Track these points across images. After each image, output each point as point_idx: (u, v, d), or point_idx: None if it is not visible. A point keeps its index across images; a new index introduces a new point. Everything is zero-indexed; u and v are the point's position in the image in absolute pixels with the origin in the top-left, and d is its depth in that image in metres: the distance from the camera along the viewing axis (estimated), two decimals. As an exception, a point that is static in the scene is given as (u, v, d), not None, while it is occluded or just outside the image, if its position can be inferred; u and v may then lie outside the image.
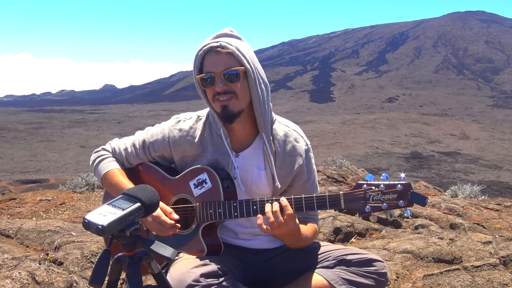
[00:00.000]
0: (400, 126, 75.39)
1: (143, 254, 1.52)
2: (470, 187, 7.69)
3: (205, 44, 1.98)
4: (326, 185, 6.65)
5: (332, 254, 2.11)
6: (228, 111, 1.98)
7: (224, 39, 1.98)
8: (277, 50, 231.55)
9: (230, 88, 1.96)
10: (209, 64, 1.97)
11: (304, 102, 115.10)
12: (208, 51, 1.97)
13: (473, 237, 3.86)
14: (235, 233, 2.20)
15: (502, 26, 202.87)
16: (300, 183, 2.16)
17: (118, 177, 2.11)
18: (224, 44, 1.95)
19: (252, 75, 1.99)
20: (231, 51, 1.95)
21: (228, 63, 1.96)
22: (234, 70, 1.96)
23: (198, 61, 2.00)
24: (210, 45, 1.97)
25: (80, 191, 6.83)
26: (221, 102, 1.98)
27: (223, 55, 1.95)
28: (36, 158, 53.12)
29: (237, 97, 1.98)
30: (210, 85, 1.98)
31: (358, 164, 11.70)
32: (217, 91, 1.96)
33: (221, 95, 1.96)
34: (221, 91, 1.96)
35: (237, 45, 1.98)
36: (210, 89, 1.99)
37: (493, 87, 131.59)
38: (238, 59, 1.96)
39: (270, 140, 2.09)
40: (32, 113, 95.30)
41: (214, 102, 2.00)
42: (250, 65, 1.98)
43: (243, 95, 2.00)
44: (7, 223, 3.95)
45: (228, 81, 1.95)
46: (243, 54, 1.97)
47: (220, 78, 1.95)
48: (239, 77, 1.97)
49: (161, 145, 2.15)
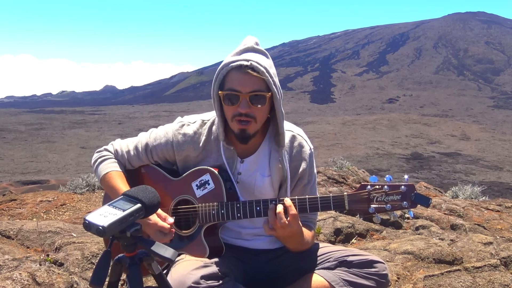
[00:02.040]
0: (401, 127, 75.33)
1: (144, 255, 1.52)
2: (470, 188, 7.67)
3: (234, 60, 1.92)
4: (327, 186, 6.65)
5: (333, 255, 2.11)
6: (246, 134, 1.97)
7: (253, 56, 1.92)
8: (278, 51, 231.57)
9: (252, 112, 1.92)
10: (236, 82, 1.91)
11: (305, 103, 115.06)
12: (236, 68, 1.91)
13: (474, 238, 3.86)
14: (236, 233, 2.20)
15: (503, 27, 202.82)
16: (301, 186, 2.16)
17: (116, 180, 2.09)
18: (255, 65, 1.89)
19: (278, 97, 1.95)
20: (261, 75, 1.90)
21: (256, 86, 1.91)
22: (261, 95, 1.92)
23: (222, 74, 1.94)
24: (240, 63, 1.90)
25: (81, 192, 6.82)
26: (240, 125, 1.94)
27: (252, 76, 1.90)
28: (36, 159, 53.11)
29: (256, 121, 1.96)
30: (233, 104, 1.93)
31: (358, 165, 11.70)
32: (239, 112, 1.92)
33: (242, 117, 1.93)
34: (244, 113, 1.92)
35: (265, 66, 1.91)
36: (231, 108, 1.94)
37: (494, 88, 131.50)
38: (267, 82, 1.92)
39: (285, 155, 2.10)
40: (32, 114, 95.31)
41: (232, 121, 1.96)
42: (277, 88, 1.94)
43: (262, 118, 1.99)
44: (7, 224, 3.95)
45: (252, 104, 1.91)
46: (272, 78, 1.92)
47: (245, 99, 1.91)
48: (264, 101, 1.93)
49: (164, 149, 2.14)
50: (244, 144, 2.03)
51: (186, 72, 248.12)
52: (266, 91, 1.93)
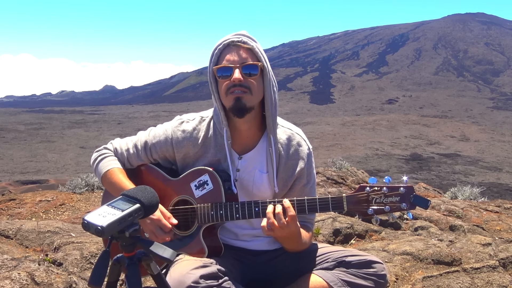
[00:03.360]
0: (400, 127, 75.35)
1: (143, 255, 1.52)
2: (469, 189, 7.68)
3: (225, 39, 2.02)
4: (326, 187, 6.65)
5: (332, 256, 2.11)
6: (241, 103, 1.98)
7: (243, 37, 2.02)
8: (277, 51, 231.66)
9: (246, 82, 1.97)
10: (228, 56, 2.00)
11: (304, 103, 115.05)
12: (227, 45, 2.01)
13: (473, 239, 3.86)
14: (235, 234, 2.20)
15: (502, 28, 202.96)
16: (300, 186, 2.16)
17: (118, 176, 2.10)
18: (245, 40, 2.00)
19: (268, 75, 2.02)
20: (251, 47, 2.00)
21: (247, 57, 1.99)
22: (253, 64, 1.99)
23: (215, 55, 2.02)
24: (231, 39, 2.01)
25: (80, 191, 6.82)
26: (235, 94, 1.97)
27: (243, 49, 2.00)
28: (36, 159, 53.07)
29: (251, 93, 1.99)
30: (227, 77, 1.98)
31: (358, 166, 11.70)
32: (233, 82, 1.96)
33: (237, 87, 1.97)
34: (238, 83, 1.96)
35: (256, 43, 2.03)
36: (226, 81, 1.99)
37: (493, 89, 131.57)
38: (257, 56, 2.01)
39: (276, 143, 2.10)
40: (32, 114, 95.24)
41: (227, 95, 1.99)
42: (267, 64, 2.02)
43: (257, 92, 2.01)
44: (6, 224, 3.95)
45: (246, 74, 1.97)
46: (261, 53, 2.02)
47: (238, 69, 1.97)
48: (256, 72, 1.99)
49: (163, 146, 2.15)
50: (240, 116, 2.01)
51: (186, 72, 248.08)
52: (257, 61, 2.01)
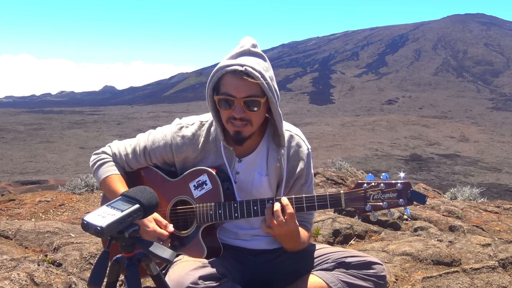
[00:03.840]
0: (400, 128, 75.39)
1: (142, 255, 1.52)
2: (469, 189, 7.68)
3: (229, 64, 1.90)
4: (326, 187, 6.65)
5: (331, 257, 2.11)
6: (241, 136, 1.97)
7: (248, 60, 1.90)
8: (277, 52, 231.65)
9: (247, 116, 1.93)
10: (230, 86, 1.91)
11: (304, 104, 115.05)
12: (231, 72, 1.90)
13: (472, 240, 3.86)
14: (234, 233, 2.20)
15: (502, 29, 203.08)
16: (298, 186, 2.17)
17: (116, 184, 2.09)
18: (249, 71, 1.86)
19: (274, 100, 1.94)
20: (256, 80, 1.88)
21: (250, 91, 1.90)
22: (256, 101, 1.92)
23: (216, 77, 1.93)
24: (234, 68, 1.88)
25: (79, 192, 6.82)
26: (235, 127, 1.95)
27: (247, 82, 1.88)
28: (35, 159, 53.05)
29: (252, 125, 1.97)
30: (227, 108, 1.94)
31: (357, 166, 11.70)
32: (234, 116, 1.93)
33: (237, 121, 1.93)
34: (238, 118, 1.92)
35: (260, 70, 1.89)
36: (226, 111, 1.95)
37: (493, 90, 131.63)
38: (262, 87, 1.91)
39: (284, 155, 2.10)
40: (31, 114, 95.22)
41: (228, 123, 1.97)
42: (272, 92, 1.93)
43: (258, 122, 1.99)
44: (6, 224, 3.95)
45: (247, 109, 1.92)
46: (267, 82, 1.90)
47: (240, 104, 1.91)
48: (259, 107, 1.93)
49: (163, 151, 2.14)
50: (239, 145, 2.04)
51: (186, 72, 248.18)
52: (261, 95, 1.92)
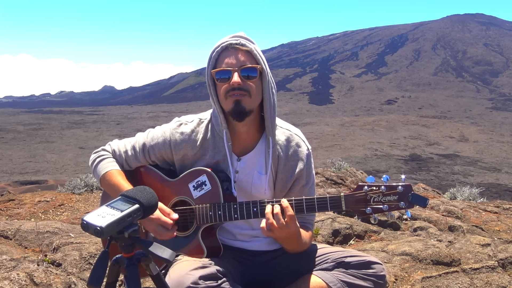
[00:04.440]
0: (399, 128, 75.43)
1: (142, 255, 1.52)
2: (469, 189, 7.68)
3: (224, 41, 2.00)
4: (325, 187, 6.65)
5: (331, 256, 2.11)
6: (241, 107, 1.97)
7: (241, 39, 2.01)
8: (277, 52, 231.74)
9: (245, 85, 1.96)
10: (227, 60, 1.98)
11: (303, 104, 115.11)
12: (225, 48, 1.99)
13: (472, 240, 3.86)
14: (233, 234, 2.19)
15: (501, 29, 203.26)
16: (299, 187, 2.16)
17: (117, 178, 2.09)
18: (243, 42, 1.99)
19: (267, 77, 2.01)
20: (250, 49, 1.98)
21: (246, 60, 1.98)
22: (252, 67, 1.98)
23: (214, 57, 2.01)
24: (229, 42, 1.99)
25: (79, 192, 6.81)
26: (234, 97, 1.96)
27: (242, 52, 1.98)
28: (35, 159, 53.05)
29: (250, 96, 1.98)
30: (226, 80, 1.97)
31: (357, 166, 11.70)
32: (232, 85, 1.95)
33: (236, 91, 1.95)
34: (237, 86, 1.95)
35: (255, 47, 2.01)
36: (225, 84, 1.98)
37: (492, 90, 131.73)
38: (255, 58, 1.99)
39: (275, 145, 2.10)
40: (31, 114, 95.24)
41: (227, 98, 1.98)
42: (266, 67, 2.01)
43: (256, 95, 2.00)
44: (5, 224, 3.94)
45: (244, 77, 1.96)
46: (260, 55, 2.01)
47: (237, 73, 1.95)
48: (255, 74, 1.98)
49: (162, 148, 2.14)
50: (240, 120, 2.01)
51: (185, 72, 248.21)
52: (256, 64, 2.00)
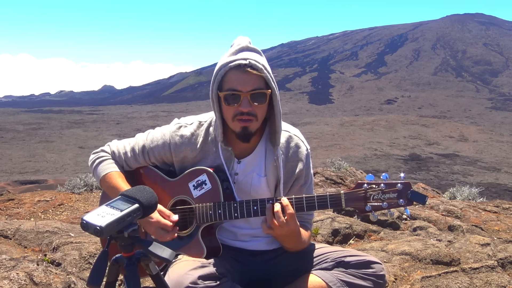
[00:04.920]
0: (399, 128, 75.45)
1: (141, 255, 1.52)
2: (468, 189, 7.67)
3: (232, 60, 1.91)
4: (325, 187, 6.65)
5: (331, 256, 2.11)
6: (248, 132, 1.97)
7: (249, 55, 1.93)
8: (276, 51, 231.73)
9: (253, 111, 1.93)
10: (235, 82, 1.91)
11: (303, 103, 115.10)
12: (234, 68, 1.91)
13: (471, 239, 3.86)
14: (233, 234, 2.19)
15: (501, 29, 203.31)
16: (298, 187, 2.17)
17: (117, 180, 2.09)
18: (253, 63, 1.89)
19: (277, 93, 1.97)
20: (260, 73, 1.91)
21: (255, 84, 1.92)
22: (262, 93, 1.93)
23: (220, 75, 1.93)
24: (238, 62, 1.90)
25: (79, 192, 6.81)
26: (242, 122, 1.94)
27: (251, 75, 1.90)
28: (34, 159, 53.04)
29: (257, 119, 1.97)
30: (234, 104, 1.93)
31: (356, 166, 11.70)
32: (241, 111, 1.92)
33: (244, 116, 1.93)
34: (246, 112, 1.92)
35: (263, 64, 1.93)
36: (232, 108, 1.94)
37: (492, 90, 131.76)
38: (266, 80, 1.93)
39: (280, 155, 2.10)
40: (30, 114, 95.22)
41: (234, 121, 1.96)
42: (275, 85, 1.96)
43: (261, 117, 1.99)
44: (5, 224, 3.94)
45: (253, 102, 1.92)
46: (270, 75, 1.94)
47: (246, 98, 1.91)
48: (265, 99, 1.94)
49: (161, 151, 2.14)
50: (246, 142, 2.02)
51: (185, 72, 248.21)
52: (265, 88, 1.94)
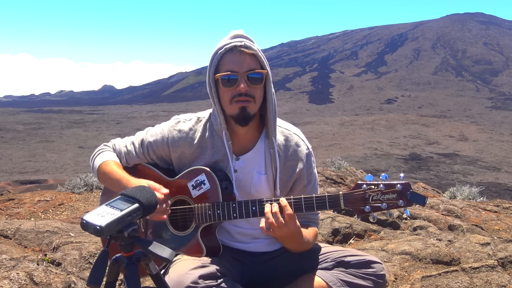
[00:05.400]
0: (399, 127, 75.41)
1: (141, 255, 1.52)
2: (468, 188, 7.68)
3: (227, 42, 1.94)
4: (325, 186, 6.65)
5: (331, 256, 2.11)
6: (246, 113, 1.96)
7: (244, 40, 1.95)
8: (276, 51, 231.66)
9: (251, 91, 1.94)
10: (231, 63, 1.93)
11: (303, 103, 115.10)
12: (230, 50, 1.94)
13: (472, 239, 3.86)
14: (233, 235, 2.19)
15: (501, 28, 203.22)
16: (300, 187, 2.15)
17: (112, 166, 2.08)
18: (248, 45, 1.93)
19: (271, 81, 2.00)
20: (255, 53, 1.94)
21: (251, 65, 1.94)
22: (259, 73, 1.94)
23: (216, 59, 1.96)
24: (233, 44, 1.93)
25: (79, 191, 6.81)
26: (240, 103, 1.94)
27: (247, 56, 1.93)
28: (34, 159, 53.02)
29: (255, 101, 1.97)
30: (231, 85, 1.94)
31: (356, 166, 11.70)
32: (239, 91, 1.93)
33: (242, 97, 1.93)
34: (244, 92, 1.93)
35: (257, 48, 1.96)
36: (230, 89, 1.95)
37: (492, 89, 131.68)
38: (260, 61, 1.96)
39: (276, 146, 2.10)
40: (31, 114, 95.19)
41: (231, 103, 1.96)
42: (268, 69, 1.98)
43: (259, 99, 2.00)
44: (5, 224, 3.94)
45: (250, 83, 1.93)
46: (264, 57, 1.97)
47: (244, 78, 1.92)
48: (261, 80, 1.96)
49: (159, 145, 2.14)
50: (244, 125, 2.01)
51: (185, 72, 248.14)
52: (261, 69, 1.97)
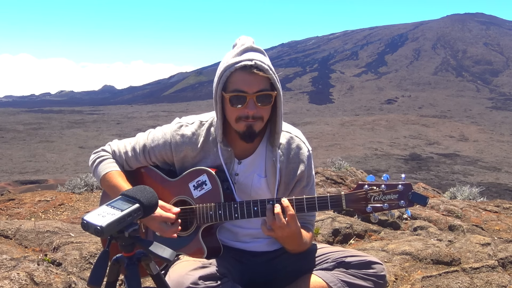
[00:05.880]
0: (399, 127, 75.39)
1: (142, 255, 1.52)
2: (469, 188, 7.68)
3: (237, 61, 1.89)
4: (325, 187, 6.64)
5: (331, 256, 2.11)
6: (252, 131, 1.96)
7: (254, 55, 1.90)
8: (276, 51, 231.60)
9: (258, 113, 1.92)
10: (240, 83, 1.89)
11: (303, 103, 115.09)
12: (240, 69, 1.89)
13: (472, 239, 3.86)
14: (234, 235, 2.19)
15: (501, 28, 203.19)
16: (299, 189, 2.15)
17: (117, 179, 2.08)
18: (259, 64, 1.88)
19: (281, 97, 1.96)
20: (266, 74, 1.89)
21: (261, 85, 1.90)
22: (268, 95, 1.92)
23: (225, 75, 1.91)
24: (244, 63, 1.87)
25: (79, 191, 6.81)
26: (248, 122, 1.93)
27: (257, 76, 1.88)
28: (35, 159, 53.02)
29: (263, 121, 1.96)
30: (239, 105, 1.91)
31: (357, 166, 11.69)
32: (247, 114, 1.91)
33: (249, 119, 1.92)
34: (251, 115, 1.91)
35: (268, 65, 1.91)
36: (237, 109, 1.92)
37: (492, 89, 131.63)
38: (272, 81, 1.92)
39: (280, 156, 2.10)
40: (31, 114, 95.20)
41: (238, 122, 1.95)
42: (280, 87, 1.95)
43: (266, 117, 1.99)
44: (5, 224, 3.94)
45: (259, 103, 1.91)
46: (275, 76, 1.92)
47: (252, 100, 1.90)
48: (270, 100, 1.93)
49: (162, 150, 2.13)
50: (249, 142, 2.01)
51: (185, 72, 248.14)
52: (270, 90, 1.93)
